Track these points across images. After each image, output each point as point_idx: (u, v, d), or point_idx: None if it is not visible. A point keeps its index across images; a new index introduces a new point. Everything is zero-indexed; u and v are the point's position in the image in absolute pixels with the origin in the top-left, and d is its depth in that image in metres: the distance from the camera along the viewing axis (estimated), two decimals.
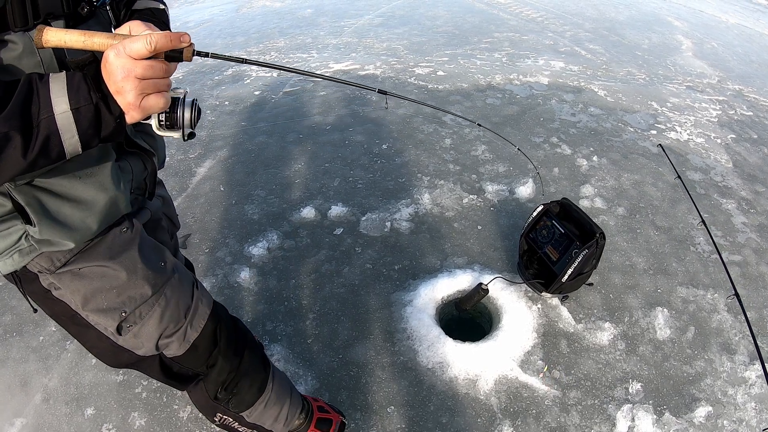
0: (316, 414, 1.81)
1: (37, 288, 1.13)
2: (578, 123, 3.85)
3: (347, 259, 2.61)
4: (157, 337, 1.24)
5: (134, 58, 0.81)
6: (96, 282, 1.13)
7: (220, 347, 1.39)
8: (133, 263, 1.17)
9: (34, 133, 0.81)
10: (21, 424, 2.01)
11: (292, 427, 1.74)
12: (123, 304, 1.17)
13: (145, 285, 1.19)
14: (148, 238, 1.26)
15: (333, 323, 2.30)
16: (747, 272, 2.65)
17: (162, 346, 1.26)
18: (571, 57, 5.24)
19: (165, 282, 1.23)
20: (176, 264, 1.31)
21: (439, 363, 2.12)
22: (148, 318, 1.21)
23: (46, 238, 1.02)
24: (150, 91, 0.85)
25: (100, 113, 0.85)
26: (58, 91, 0.82)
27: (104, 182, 1.08)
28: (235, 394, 1.49)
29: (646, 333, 2.31)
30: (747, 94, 4.84)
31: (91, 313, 1.16)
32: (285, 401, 1.67)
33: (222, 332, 1.39)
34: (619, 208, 2.98)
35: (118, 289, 1.15)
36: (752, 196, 3.23)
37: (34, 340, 2.32)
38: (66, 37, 0.86)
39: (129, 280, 1.16)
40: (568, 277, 2.18)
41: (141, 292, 1.18)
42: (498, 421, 1.96)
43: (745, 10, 8.52)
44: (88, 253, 1.12)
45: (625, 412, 2.00)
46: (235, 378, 1.47)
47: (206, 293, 1.38)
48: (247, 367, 1.50)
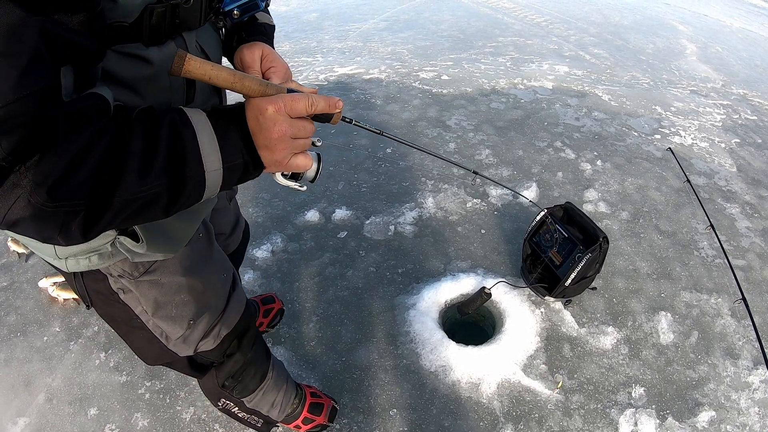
0: (308, 399, 1.88)
1: (103, 288, 1.08)
2: (582, 127, 3.85)
3: (351, 263, 2.62)
4: (199, 340, 1.25)
5: (292, 117, 0.78)
6: (172, 292, 1.12)
7: (241, 341, 1.44)
8: (209, 276, 1.19)
9: (180, 190, 0.74)
10: (24, 424, 2.02)
11: (287, 412, 1.81)
12: (193, 314, 1.18)
13: (214, 297, 1.22)
14: (217, 247, 1.26)
15: (336, 326, 2.31)
16: (751, 277, 2.65)
17: (199, 347, 1.28)
18: (576, 61, 5.24)
19: (222, 291, 1.26)
20: (232, 269, 1.34)
21: (441, 366, 2.12)
22: (200, 324, 1.22)
23: (149, 252, 0.99)
24: (298, 151, 0.84)
25: (247, 171, 0.82)
26: (209, 147, 0.75)
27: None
28: (240, 382, 1.54)
29: (649, 337, 2.30)
30: (751, 99, 4.83)
31: (159, 320, 1.15)
32: (282, 387, 1.73)
33: (246, 328, 1.44)
34: (622, 213, 2.98)
35: (192, 299, 1.16)
36: (756, 201, 3.22)
37: (38, 340, 2.33)
38: (213, 73, 0.78)
39: (203, 293, 1.18)
40: (571, 281, 2.18)
41: (207, 302, 1.20)
42: (500, 424, 1.96)
43: (749, 14, 8.51)
44: (170, 261, 1.09)
45: (627, 417, 1.99)
46: (243, 367, 1.50)
47: (241, 289, 1.41)
48: (254, 357, 1.53)
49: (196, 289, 1.16)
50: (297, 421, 1.86)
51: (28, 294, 2.57)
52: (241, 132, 0.78)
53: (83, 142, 0.63)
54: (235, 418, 1.70)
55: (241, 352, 1.46)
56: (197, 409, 2.02)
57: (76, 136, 0.63)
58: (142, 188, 0.68)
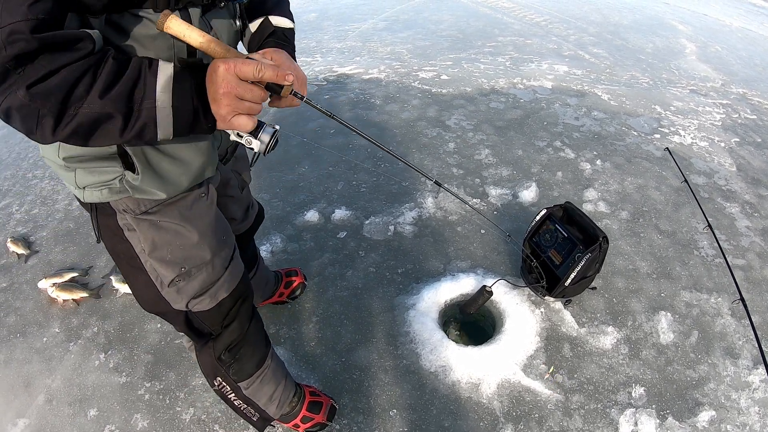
0: (307, 398, 1.90)
1: (111, 223, 1.21)
2: (582, 127, 3.85)
3: (351, 263, 2.62)
4: (192, 296, 1.34)
5: (240, 78, 0.90)
6: (169, 236, 1.23)
7: (239, 309, 1.50)
8: (205, 230, 1.29)
9: (134, 117, 0.88)
10: (24, 425, 2.02)
11: (284, 410, 1.83)
12: (184, 260, 1.27)
13: (207, 250, 1.30)
14: (220, 213, 1.37)
15: (336, 326, 2.31)
16: (751, 276, 2.64)
17: (192, 304, 1.36)
18: (575, 61, 5.24)
19: (220, 252, 1.34)
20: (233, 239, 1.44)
21: (441, 367, 2.12)
22: (195, 278, 1.31)
23: (143, 186, 1.12)
24: (242, 112, 0.94)
25: (197, 117, 0.94)
26: (164, 85, 0.89)
27: (203, 147, 1.19)
28: (237, 360, 1.58)
29: (649, 337, 2.30)
30: (751, 98, 4.83)
31: (154, 261, 1.25)
32: (280, 382, 1.76)
33: (243, 296, 1.50)
34: (622, 212, 2.98)
35: (185, 247, 1.26)
36: (756, 200, 3.22)
37: (38, 341, 2.33)
38: (187, 32, 0.93)
39: (197, 242, 1.27)
40: (571, 281, 2.17)
41: (201, 255, 1.29)
42: (500, 424, 1.96)
43: (749, 14, 8.51)
44: (170, 207, 1.21)
45: (627, 417, 1.99)
46: (241, 342, 1.56)
47: (240, 261, 1.48)
48: (252, 334, 1.59)
49: (190, 240, 1.26)
50: (296, 419, 1.87)
51: (27, 295, 2.57)
52: (197, 83, 0.92)
53: (64, 60, 0.81)
54: (231, 405, 1.71)
55: (238, 322, 1.51)
56: (197, 410, 2.02)
57: (61, 55, 0.81)
58: (101, 107, 0.84)
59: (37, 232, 3.00)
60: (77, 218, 3.05)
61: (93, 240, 2.85)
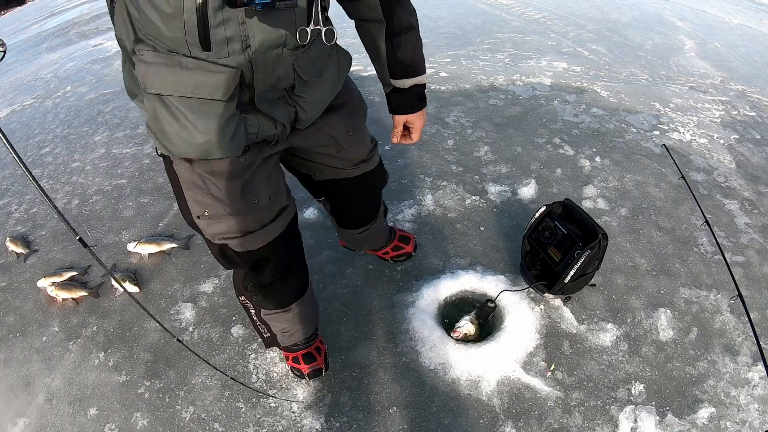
0: (309, 349, 2.04)
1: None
2: (581, 124, 3.84)
3: (350, 260, 2.61)
4: (218, 235, 1.49)
5: None
6: (199, 182, 1.39)
7: (270, 263, 1.63)
8: (230, 190, 1.40)
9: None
10: (24, 424, 2.03)
11: (289, 345, 2.01)
12: (207, 207, 1.42)
13: (227, 208, 1.42)
14: (257, 177, 1.46)
15: (335, 324, 2.31)
16: (750, 273, 2.64)
17: (219, 240, 1.51)
18: (574, 58, 5.23)
19: (247, 212, 1.45)
20: (276, 198, 1.55)
21: (441, 364, 2.12)
22: (219, 223, 1.45)
23: (156, 140, 1.32)
24: None
25: None
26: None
27: (209, 128, 1.25)
28: (261, 294, 1.74)
29: (648, 334, 2.30)
30: (750, 95, 4.82)
31: (188, 196, 1.44)
32: (296, 326, 1.90)
33: (272, 259, 1.63)
34: (621, 209, 2.98)
35: (209, 197, 1.41)
36: (755, 197, 3.21)
37: (38, 340, 2.34)
38: None
39: (218, 198, 1.40)
40: (570, 278, 2.17)
41: (221, 209, 1.42)
42: (500, 422, 1.96)
43: (748, 11, 8.50)
44: (206, 162, 1.35)
45: (627, 414, 1.99)
46: (267, 287, 1.71)
47: (283, 224, 1.59)
48: (278, 284, 1.72)
49: (212, 193, 1.40)
50: (292, 353, 2.04)
51: (26, 294, 2.58)
52: None
53: None
54: (249, 318, 1.92)
55: (267, 273, 1.66)
56: (197, 409, 2.02)
57: None
58: None
59: (36, 231, 3.00)
60: (76, 217, 3.05)
61: (92, 239, 2.85)
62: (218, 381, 2.11)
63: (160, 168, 3.40)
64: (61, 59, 6.16)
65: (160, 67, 1.18)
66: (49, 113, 4.53)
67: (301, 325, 1.92)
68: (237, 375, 2.13)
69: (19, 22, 10.13)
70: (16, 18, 10.70)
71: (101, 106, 4.43)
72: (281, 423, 1.96)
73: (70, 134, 4.03)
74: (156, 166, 3.42)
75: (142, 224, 2.94)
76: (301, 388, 2.07)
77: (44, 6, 10.64)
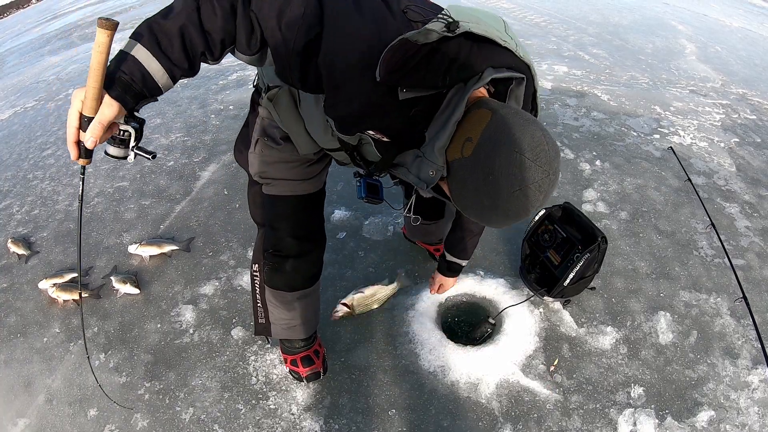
0: (307, 352, 2.06)
1: (256, 97, 1.60)
2: (581, 127, 3.85)
3: (350, 263, 2.62)
4: (257, 172, 1.65)
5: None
6: (271, 121, 1.57)
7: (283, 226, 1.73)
8: (285, 137, 1.57)
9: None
10: (24, 425, 2.03)
11: (285, 341, 2.04)
12: (264, 135, 1.60)
13: (275, 141, 1.58)
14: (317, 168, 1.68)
15: (335, 326, 2.31)
16: (750, 276, 2.64)
17: (256, 176, 1.67)
18: (575, 61, 5.24)
19: (291, 158, 1.61)
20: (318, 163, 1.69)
21: (440, 366, 2.12)
22: (264, 156, 1.62)
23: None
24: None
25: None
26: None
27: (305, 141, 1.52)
28: (275, 266, 1.79)
29: (648, 337, 2.30)
30: (751, 98, 4.82)
31: (258, 124, 1.60)
32: (296, 322, 1.93)
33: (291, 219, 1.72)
34: (621, 213, 2.98)
35: (271, 131, 1.58)
36: (756, 200, 3.22)
37: (38, 341, 2.34)
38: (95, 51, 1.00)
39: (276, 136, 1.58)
40: (570, 281, 2.18)
41: (273, 140, 1.58)
42: (499, 424, 1.96)
43: (749, 14, 8.51)
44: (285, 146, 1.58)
45: (626, 417, 1.99)
46: (284, 258, 1.77)
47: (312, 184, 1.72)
48: (296, 263, 1.80)
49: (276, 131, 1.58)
50: (287, 356, 2.08)
51: (28, 295, 2.58)
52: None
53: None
54: (252, 295, 1.94)
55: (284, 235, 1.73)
56: (196, 410, 2.02)
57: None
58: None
59: (38, 232, 3.01)
60: (77, 219, 3.05)
61: (93, 241, 2.86)
62: (218, 383, 2.11)
63: (162, 171, 3.41)
64: (63, 62, 6.18)
65: (293, 112, 1.47)
66: (51, 115, 4.55)
67: (302, 322, 1.93)
68: (237, 377, 2.13)
69: (21, 24, 10.17)
70: (19, 20, 10.75)
71: None
72: (280, 425, 1.96)
73: None
74: (157, 169, 3.43)
75: (143, 226, 2.95)
76: (301, 391, 2.07)
77: (47, 8, 10.68)
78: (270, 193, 1.67)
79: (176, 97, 4.46)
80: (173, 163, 3.49)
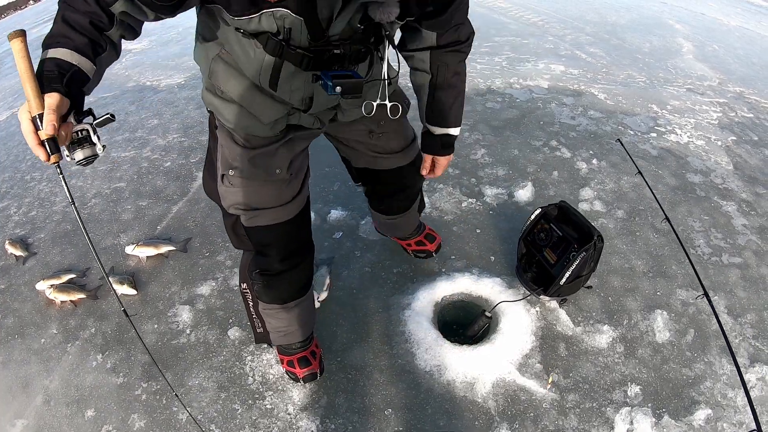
0: (304, 353, 2.06)
1: (213, 120, 1.57)
2: (578, 126, 3.85)
3: (346, 263, 2.62)
4: (234, 204, 1.59)
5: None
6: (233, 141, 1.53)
7: (276, 249, 1.70)
8: (260, 153, 1.54)
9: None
10: (22, 426, 2.03)
11: (283, 345, 2.04)
12: (232, 167, 1.54)
13: (251, 169, 1.54)
14: (287, 152, 1.59)
15: (332, 326, 2.31)
16: (747, 274, 2.65)
17: (232, 210, 1.61)
18: (572, 60, 5.24)
19: (266, 178, 1.57)
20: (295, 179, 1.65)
21: (437, 366, 2.13)
22: (237, 189, 1.56)
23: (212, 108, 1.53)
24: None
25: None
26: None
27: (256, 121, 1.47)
28: (262, 285, 1.78)
29: (645, 336, 2.30)
30: (748, 96, 4.83)
31: (220, 151, 1.56)
32: (293, 327, 1.93)
33: (278, 245, 1.69)
34: (618, 211, 2.98)
35: (239, 156, 1.53)
36: (753, 198, 3.22)
37: (36, 342, 2.35)
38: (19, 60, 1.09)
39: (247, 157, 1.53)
40: (566, 280, 2.18)
41: (240, 171, 1.54)
42: (496, 424, 1.96)
43: (746, 13, 8.50)
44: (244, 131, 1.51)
45: (623, 415, 2.00)
46: (272, 277, 1.76)
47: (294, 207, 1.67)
48: (285, 278, 1.78)
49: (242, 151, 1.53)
50: (285, 357, 2.08)
51: (25, 296, 2.58)
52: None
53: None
54: (246, 309, 1.94)
55: (273, 259, 1.71)
56: (193, 410, 2.03)
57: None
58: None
59: (35, 233, 3.01)
60: (74, 220, 3.05)
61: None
62: (215, 383, 2.12)
63: (159, 171, 3.42)
64: None
65: (232, 74, 1.41)
66: None
67: (298, 326, 1.94)
68: (233, 377, 2.14)
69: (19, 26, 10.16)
70: (17, 22, 10.74)
71: (100, 110, 4.42)
72: (277, 425, 1.97)
73: None
74: (154, 170, 3.44)
75: (140, 227, 2.95)
76: (297, 390, 2.07)
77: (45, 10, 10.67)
78: (252, 226, 1.63)
79: (173, 98, 4.46)
80: (170, 164, 3.49)
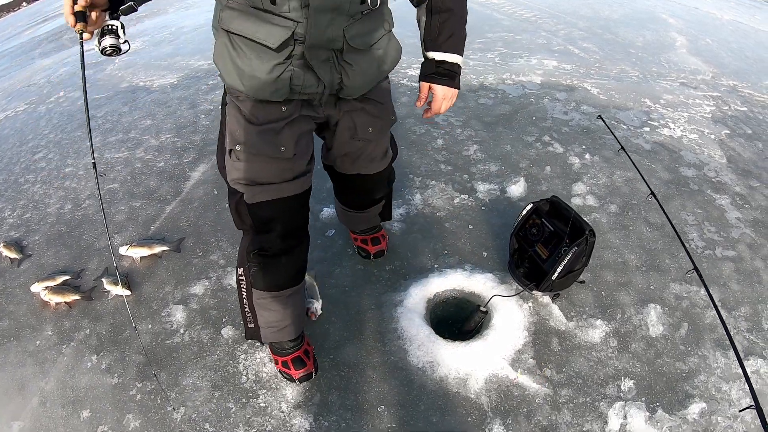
0: (298, 353, 2.06)
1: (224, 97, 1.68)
2: (570, 121, 3.85)
3: (339, 261, 2.63)
4: (239, 180, 1.64)
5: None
6: (240, 117, 1.58)
7: (276, 230, 1.73)
8: (265, 129, 1.58)
9: None
10: (18, 427, 2.04)
11: (275, 343, 2.04)
12: (239, 142, 1.59)
13: (256, 145, 1.58)
14: (290, 130, 1.61)
15: (324, 324, 2.32)
16: (741, 267, 2.65)
17: (234, 184, 1.66)
18: (565, 56, 5.24)
19: (271, 155, 1.60)
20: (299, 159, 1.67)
21: (429, 362, 2.13)
22: (243, 164, 1.60)
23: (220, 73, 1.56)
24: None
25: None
26: None
27: (259, 68, 1.47)
28: (259, 268, 1.79)
29: (638, 330, 2.31)
30: (741, 90, 4.83)
31: (228, 128, 1.63)
32: (285, 323, 1.93)
33: (280, 220, 1.72)
34: (611, 206, 2.99)
35: (244, 132, 1.58)
36: (746, 191, 3.23)
37: (31, 344, 2.35)
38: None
39: (253, 133, 1.58)
40: (558, 275, 2.18)
41: (252, 144, 1.59)
42: (489, 419, 1.97)
43: (740, 6, 8.50)
44: (252, 103, 1.56)
45: (617, 410, 2.00)
46: (269, 258, 1.78)
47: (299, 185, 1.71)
48: (283, 262, 1.81)
49: (245, 131, 1.58)
50: (278, 357, 2.07)
51: (20, 299, 2.59)
52: None
53: None
54: (240, 301, 1.94)
55: (273, 238, 1.74)
56: (188, 410, 2.03)
57: None
58: None
59: (30, 236, 3.01)
60: (69, 222, 3.06)
61: (84, 243, 2.86)
62: (209, 382, 2.12)
63: (152, 172, 3.41)
64: (54, 64, 6.16)
65: (238, 14, 1.44)
66: (42, 118, 4.54)
67: (290, 321, 1.93)
68: (227, 375, 2.14)
69: (12, 27, 10.12)
70: (10, 23, 10.70)
71: (94, 111, 4.43)
72: (270, 423, 1.97)
73: (63, 139, 4.04)
74: (147, 170, 3.43)
75: (134, 228, 2.95)
76: (290, 388, 2.07)
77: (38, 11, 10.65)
78: (255, 201, 1.66)
79: (166, 98, 4.45)
80: (163, 164, 3.49)
